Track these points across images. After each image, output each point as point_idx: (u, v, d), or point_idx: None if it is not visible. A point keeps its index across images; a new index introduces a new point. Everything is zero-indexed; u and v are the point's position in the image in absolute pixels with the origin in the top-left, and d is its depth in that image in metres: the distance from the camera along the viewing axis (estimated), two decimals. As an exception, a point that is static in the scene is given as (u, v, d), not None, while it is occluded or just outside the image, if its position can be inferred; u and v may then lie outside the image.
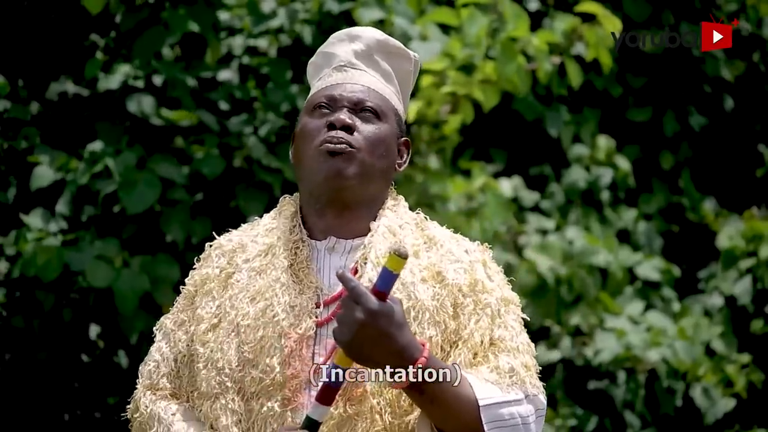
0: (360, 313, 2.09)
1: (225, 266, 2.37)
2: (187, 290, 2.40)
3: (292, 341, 2.25)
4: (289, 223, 2.37)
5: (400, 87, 2.43)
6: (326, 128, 2.33)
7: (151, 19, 4.90)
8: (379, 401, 2.22)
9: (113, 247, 4.69)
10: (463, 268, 2.31)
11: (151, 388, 2.37)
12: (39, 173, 4.84)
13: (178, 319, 2.38)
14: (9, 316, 4.90)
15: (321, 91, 2.38)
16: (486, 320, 2.27)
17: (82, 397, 5.22)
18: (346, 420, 2.22)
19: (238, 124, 5.03)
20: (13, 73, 5.24)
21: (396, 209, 2.37)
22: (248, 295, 2.30)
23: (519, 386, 2.23)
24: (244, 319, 2.28)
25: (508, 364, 2.24)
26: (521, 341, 2.29)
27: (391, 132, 2.38)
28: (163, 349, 2.37)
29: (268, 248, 2.34)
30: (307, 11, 5.22)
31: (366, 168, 2.32)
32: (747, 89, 7.63)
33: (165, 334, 2.39)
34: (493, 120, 6.89)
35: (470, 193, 5.84)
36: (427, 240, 2.34)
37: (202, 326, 2.32)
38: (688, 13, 7.31)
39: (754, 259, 6.82)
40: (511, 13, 5.06)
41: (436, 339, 2.25)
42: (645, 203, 7.35)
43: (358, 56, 2.41)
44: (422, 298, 2.26)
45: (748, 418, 6.73)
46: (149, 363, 2.39)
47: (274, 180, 4.95)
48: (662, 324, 6.33)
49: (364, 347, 2.10)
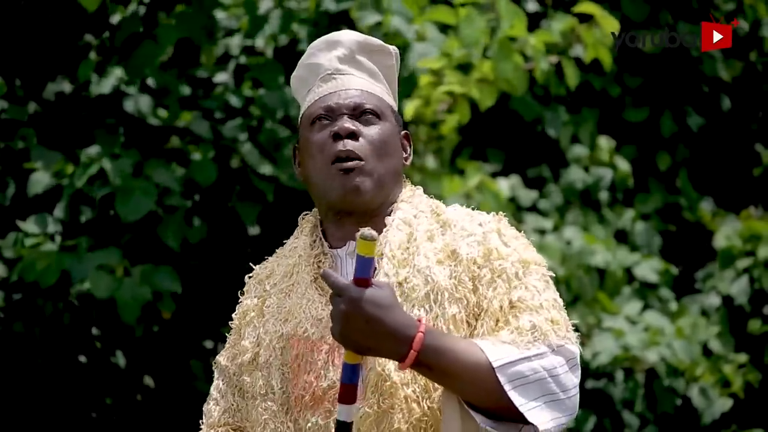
0: (343, 304, 2.10)
1: (261, 294, 2.40)
2: (234, 324, 2.43)
3: (324, 353, 2.26)
4: (310, 238, 2.38)
5: (387, 83, 2.43)
6: (331, 139, 2.32)
7: (146, 30, 4.90)
8: (414, 389, 2.21)
9: (114, 256, 4.69)
10: (476, 240, 2.29)
11: (213, 427, 2.39)
12: (36, 179, 4.85)
13: (230, 354, 2.41)
14: (7, 320, 4.90)
15: (315, 104, 2.37)
16: (503, 285, 2.25)
17: (80, 398, 5.22)
18: (381, 415, 2.21)
19: (233, 130, 5.03)
20: (10, 73, 5.23)
21: (411, 200, 2.37)
22: (280, 318, 2.33)
23: (542, 341, 2.19)
24: (279, 341, 2.31)
25: (530, 322, 2.20)
26: (545, 298, 2.25)
27: (393, 130, 2.38)
28: (220, 386, 2.40)
29: (292, 268, 2.37)
30: (304, 11, 5.22)
31: (379, 176, 2.32)
32: (744, 89, 7.63)
33: (221, 371, 2.41)
34: (491, 120, 6.90)
35: (468, 193, 5.84)
36: (443, 224, 2.33)
37: (246, 356, 2.35)
38: (686, 13, 7.31)
39: (752, 259, 6.83)
40: (508, 12, 5.06)
41: (460, 315, 2.23)
42: (642, 203, 7.35)
43: (343, 61, 2.40)
44: (438, 280, 2.24)
45: (745, 418, 6.73)
46: (209, 402, 2.41)
47: (266, 186, 4.96)
48: (660, 324, 6.33)
49: (356, 336, 2.10)
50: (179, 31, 4.89)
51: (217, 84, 5.37)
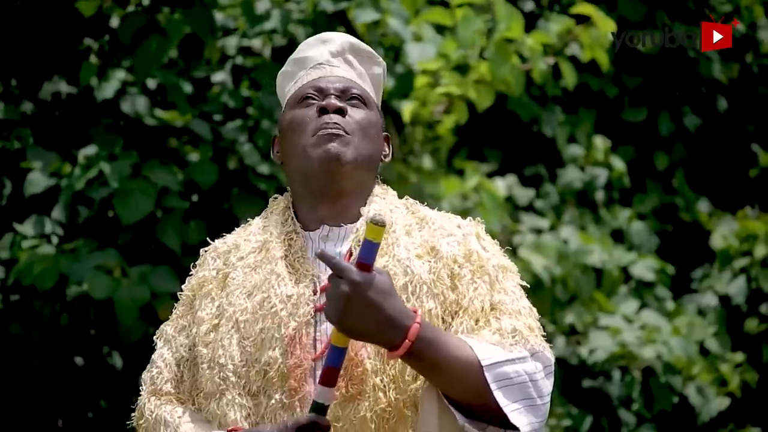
0: (345, 286, 2.08)
1: (221, 267, 2.36)
2: (185, 296, 2.39)
3: (290, 330, 2.24)
4: (281, 218, 2.37)
5: (373, 89, 2.43)
6: (318, 113, 2.32)
7: (149, 27, 4.88)
8: (382, 378, 2.21)
9: (111, 257, 4.69)
10: (456, 240, 2.30)
11: (155, 394, 2.35)
12: (32, 179, 4.84)
13: (179, 325, 2.37)
14: (4, 322, 4.90)
15: (305, 85, 2.38)
16: (484, 287, 2.26)
17: (76, 399, 5.22)
18: (348, 400, 2.20)
19: (233, 131, 5.03)
20: (6, 73, 5.23)
21: (385, 196, 2.37)
22: (245, 291, 2.29)
23: (522, 345, 2.20)
24: (242, 314, 2.27)
25: (511, 325, 2.21)
26: (523, 305, 2.27)
27: (378, 120, 2.38)
28: (165, 355, 2.36)
29: (262, 244, 2.34)
30: (301, 11, 5.22)
31: (360, 153, 2.32)
32: (740, 90, 7.65)
33: (166, 341, 2.38)
34: (488, 120, 6.90)
35: (464, 193, 5.84)
36: (419, 220, 2.34)
37: (203, 327, 2.31)
38: (683, 14, 7.32)
39: (748, 259, 6.84)
40: (505, 13, 5.06)
41: (436, 311, 2.23)
42: (639, 203, 7.36)
43: (334, 56, 2.41)
44: (418, 272, 2.24)
45: (742, 417, 6.75)
46: (152, 370, 2.37)
47: (268, 186, 4.96)
48: (656, 323, 6.34)
49: (354, 320, 2.09)
50: (187, 23, 4.87)
51: (215, 84, 5.37)
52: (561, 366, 6.29)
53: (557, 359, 6.26)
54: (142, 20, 4.89)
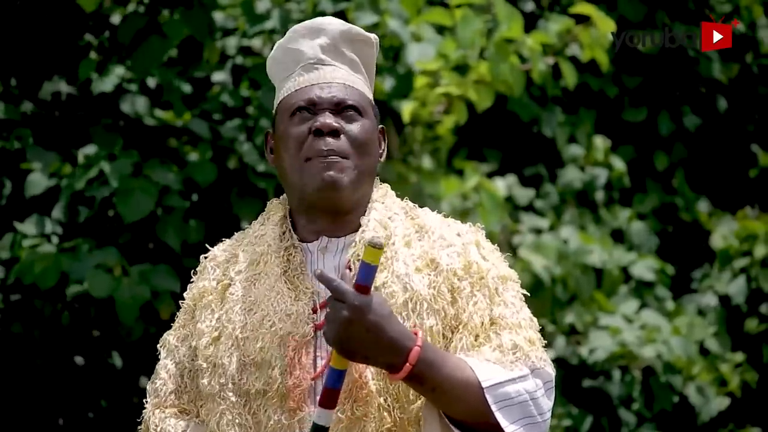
0: (345, 310, 2.07)
1: (221, 278, 2.34)
2: (186, 304, 2.38)
3: (290, 349, 2.22)
4: (279, 229, 2.34)
5: (366, 72, 2.39)
6: (312, 135, 2.28)
7: (148, 28, 4.89)
8: (386, 398, 2.19)
9: (112, 255, 4.69)
10: (456, 251, 2.27)
11: (160, 407, 2.34)
12: (33, 181, 4.84)
13: (181, 334, 2.36)
14: (6, 321, 4.90)
15: (296, 94, 2.33)
16: (484, 301, 2.24)
17: (76, 399, 5.23)
18: (354, 422, 2.19)
19: (232, 130, 5.04)
20: (6, 73, 5.24)
21: (384, 200, 2.34)
22: (244, 307, 2.28)
23: (523, 361, 2.20)
24: (242, 331, 2.26)
25: (511, 341, 2.21)
26: (523, 317, 2.26)
27: (373, 126, 2.34)
28: (168, 366, 2.35)
29: (260, 257, 2.31)
30: (301, 11, 5.22)
31: (358, 174, 2.29)
32: (740, 90, 7.65)
33: (169, 351, 2.37)
34: (488, 120, 6.91)
35: (464, 193, 5.84)
36: (419, 229, 2.31)
37: (203, 340, 2.30)
38: (683, 13, 7.33)
39: (748, 259, 6.85)
40: (505, 13, 5.06)
41: (437, 327, 2.22)
42: (639, 203, 7.37)
43: (325, 51, 2.36)
44: (418, 289, 2.23)
45: (742, 417, 6.75)
46: (156, 381, 2.36)
47: (267, 185, 4.96)
48: (656, 322, 6.34)
49: (355, 343, 2.08)
50: (186, 24, 4.87)
51: (215, 83, 5.38)
52: (561, 366, 6.29)
53: (557, 359, 6.32)
54: (142, 21, 4.89)
